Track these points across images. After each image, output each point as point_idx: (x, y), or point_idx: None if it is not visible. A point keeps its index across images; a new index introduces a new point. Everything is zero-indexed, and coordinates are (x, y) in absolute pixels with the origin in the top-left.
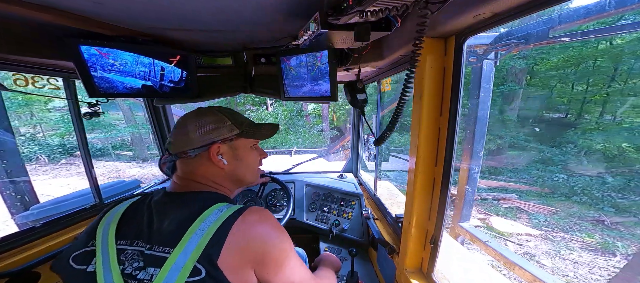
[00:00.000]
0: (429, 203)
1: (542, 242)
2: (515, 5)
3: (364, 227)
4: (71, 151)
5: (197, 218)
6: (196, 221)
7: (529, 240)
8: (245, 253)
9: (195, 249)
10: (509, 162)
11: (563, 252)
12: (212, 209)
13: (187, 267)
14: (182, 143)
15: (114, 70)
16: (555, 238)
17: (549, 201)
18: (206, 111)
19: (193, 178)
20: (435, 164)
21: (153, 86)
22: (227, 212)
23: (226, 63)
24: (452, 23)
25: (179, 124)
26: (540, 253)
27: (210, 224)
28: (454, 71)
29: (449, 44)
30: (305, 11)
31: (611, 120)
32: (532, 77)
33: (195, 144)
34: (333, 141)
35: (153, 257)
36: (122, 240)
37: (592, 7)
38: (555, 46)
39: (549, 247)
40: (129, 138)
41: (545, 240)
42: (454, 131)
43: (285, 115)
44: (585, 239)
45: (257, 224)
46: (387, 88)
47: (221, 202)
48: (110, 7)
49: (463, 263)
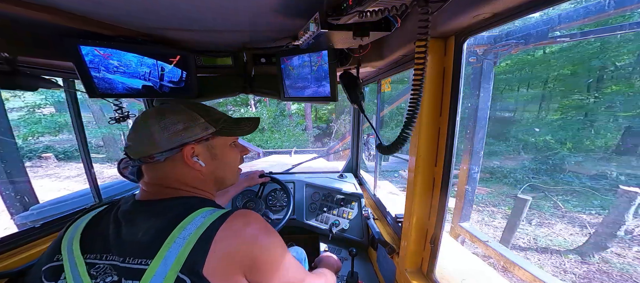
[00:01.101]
0: (429, 203)
1: (475, 214)
2: (515, 5)
3: (363, 227)
4: (32, 154)
5: (176, 226)
6: (175, 230)
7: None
8: (232, 260)
9: (176, 259)
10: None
11: (487, 219)
12: (194, 216)
13: (169, 278)
14: (146, 146)
15: (113, 70)
16: (486, 210)
17: (487, 184)
18: (171, 108)
19: (167, 184)
20: (435, 164)
21: (153, 86)
22: (211, 218)
23: (226, 63)
24: (452, 23)
25: (137, 125)
26: (473, 222)
27: (191, 232)
28: (453, 71)
29: (449, 44)
30: (305, 11)
31: (544, 117)
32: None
33: (163, 147)
34: (316, 139)
35: (129, 270)
36: (89, 254)
37: (591, 7)
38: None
39: (480, 217)
40: (100, 140)
41: (479, 212)
42: (453, 131)
43: (269, 115)
44: (506, 211)
45: (244, 228)
46: (387, 88)
47: (205, 207)
48: (110, 7)
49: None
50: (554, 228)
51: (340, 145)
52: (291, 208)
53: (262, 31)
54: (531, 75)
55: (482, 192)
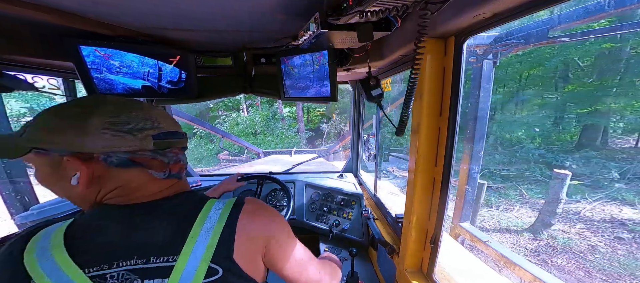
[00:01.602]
0: (429, 203)
1: (450, 202)
2: (515, 5)
3: (364, 227)
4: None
5: (195, 221)
6: (196, 225)
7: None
8: (254, 243)
9: (205, 251)
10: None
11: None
12: (207, 209)
13: (201, 270)
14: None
15: (114, 70)
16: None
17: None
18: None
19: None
20: (435, 164)
21: (152, 86)
22: (226, 209)
23: (226, 63)
24: (452, 23)
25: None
26: (449, 210)
27: (214, 224)
28: (453, 71)
29: (449, 44)
30: (305, 11)
31: (520, 115)
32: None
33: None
34: (308, 141)
35: (155, 269)
36: (90, 267)
37: (591, 7)
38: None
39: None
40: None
41: (451, 200)
42: (453, 131)
43: (262, 118)
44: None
45: (259, 212)
46: (387, 88)
47: (210, 199)
48: (110, 7)
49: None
50: (517, 212)
51: (340, 146)
52: (291, 208)
53: (262, 31)
54: (506, 75)
55: (454, 184)
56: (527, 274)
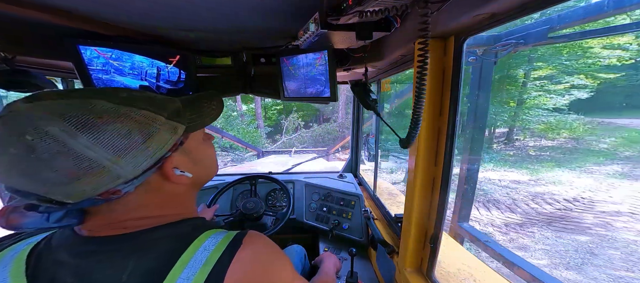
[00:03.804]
0: (429, 203)
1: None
2: (515, 5)
3: (363, 227)
4: None
5: (175, 264)
6: (175, 268)
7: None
8: None
9: None
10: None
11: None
12: (194, 249)
13: None
14: (87, 181)
15: (113, 70)
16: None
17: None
18: (96, 113)
19: (142, 215)
20: (434, 164)
21: (150, 86)
22: (216, 251)
23: (226, 63)
24: (451, 23)
25: (60, 152)
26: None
27: (196, 271)
28: (453, 71)
29: (449, 44)
30: (305, 11)
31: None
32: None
33: (128, 175)
34: (268, 136)
35: None
36: None
37: (591, 7)
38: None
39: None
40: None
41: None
42: (453, 131)
43: (222, 114)
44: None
45: (255, 258)
46: (387, 88)
47: (202, 234)
48: (110, 7)
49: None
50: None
51: (339, 146)
52: (291, 208)
53: (262, 31)
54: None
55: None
56: (526, 274)
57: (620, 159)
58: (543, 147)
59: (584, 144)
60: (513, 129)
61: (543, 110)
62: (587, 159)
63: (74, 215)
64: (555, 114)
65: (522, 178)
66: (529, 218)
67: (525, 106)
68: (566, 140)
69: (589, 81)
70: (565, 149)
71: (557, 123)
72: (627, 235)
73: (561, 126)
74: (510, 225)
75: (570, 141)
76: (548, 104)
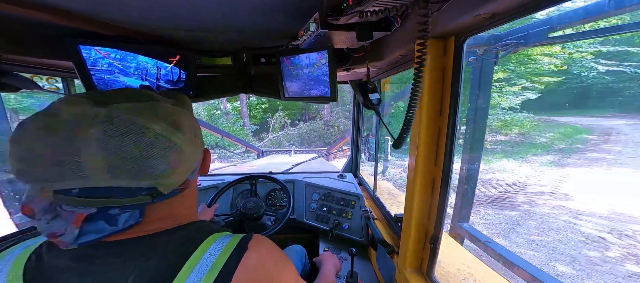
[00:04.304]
0: (429, 203)
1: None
2: (515, 5)
3: (363, 227)
4: None
5: (182, 268)
6: (182, 272)
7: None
8: None
9: None
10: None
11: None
12: (200, 253)
13: None
14: (160, 174)
15: (113, 70)
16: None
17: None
18: (176, 111)
19: (168, 218)
20: (435, 164)
21: (150, 86)
22: (222, 256)
23: (226, 63)
24: (451, 23)
25: (169, 147)
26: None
27: (202, 276)
28: (453, 71)
29: (449, 44)
30: (305, 11)
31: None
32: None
33: (195, 166)
34: (254, 134)
35: None
36: None
37: (591, 7)
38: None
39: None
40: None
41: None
42: (453, 131)
43: (207, 112)
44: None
45: (263, 265)
46: (387, 88)
47: (208, 238)
48: (110, 7)
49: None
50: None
51: (339, 146)
52: (291, 208)
53: (262, 31)
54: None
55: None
56: (526, 274)
57: (554, 151)
58: (497, 141)
59: (528, 138)
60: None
61: (501, 109)
62: (529, 151)
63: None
64: (510, 112)
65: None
66: (478, 200)
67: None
68: (516, 135)
69: (536, 84)
70: (513, 143)
71: (511, 121)
72: (544, 209)
73: (514, 123)
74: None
75: (519, 136)
76: (504, 104)
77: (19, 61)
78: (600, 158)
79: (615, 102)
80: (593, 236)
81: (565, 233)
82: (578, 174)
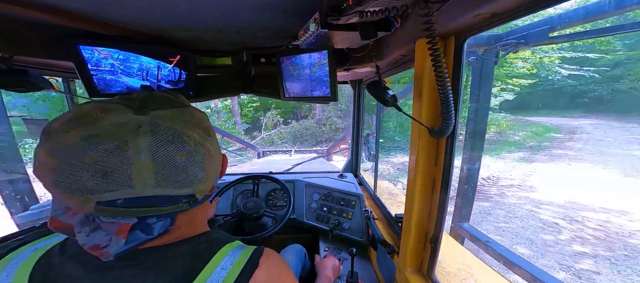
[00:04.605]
0: (429, 203)
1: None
2: (515, 5)
3: (364, 227)
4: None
5: (198, 276)
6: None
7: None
8: None
9: None
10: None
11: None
12: (211, 268)
13: None
14: (197, 181)
15: (114, 70)
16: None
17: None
18: (205, 117)
19: (190, 225)
20: (435, 164)
21: (151, 86)
22: (233, 272)
23: (226, 63)
24: (451, 23)
25: (207, 154)
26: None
27: None
28: (453, 71)
29: (449, 44)
30: (305, 11)
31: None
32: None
33: (210, 183)
34: (247, 132)
35: None
36: None
37: (591, 7)
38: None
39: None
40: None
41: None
42: (454, 131)
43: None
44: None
45: (273, 278)
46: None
47: (218, 252)
48: (110, 7)
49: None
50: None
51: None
52: (291, 208)
53: (262, 31)
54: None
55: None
56: (526, 274)
57: (525, 148)
58: None
59: (504, 136)
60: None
61: None
62: (503, 148)
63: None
64: (490, 113)
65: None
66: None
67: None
68: (494, 134)
69: (511, 85)
70: (491, 141)
71: (490, 120)
72: (511, 200)
73: (492, 123)
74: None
75: (496, 135)
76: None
77: (19, 61)
78: (563, 155)
79: (581, 104)
80: (549, 222)
81: (527, 220)
82: (543, 169)
